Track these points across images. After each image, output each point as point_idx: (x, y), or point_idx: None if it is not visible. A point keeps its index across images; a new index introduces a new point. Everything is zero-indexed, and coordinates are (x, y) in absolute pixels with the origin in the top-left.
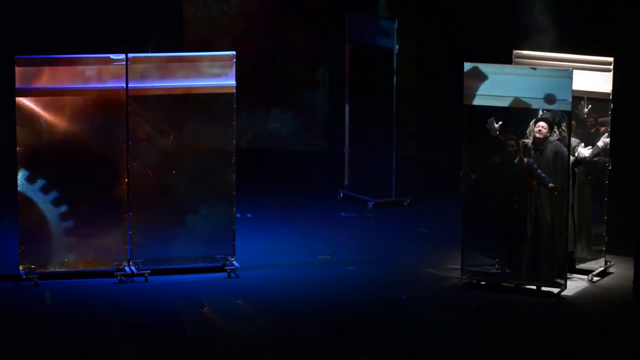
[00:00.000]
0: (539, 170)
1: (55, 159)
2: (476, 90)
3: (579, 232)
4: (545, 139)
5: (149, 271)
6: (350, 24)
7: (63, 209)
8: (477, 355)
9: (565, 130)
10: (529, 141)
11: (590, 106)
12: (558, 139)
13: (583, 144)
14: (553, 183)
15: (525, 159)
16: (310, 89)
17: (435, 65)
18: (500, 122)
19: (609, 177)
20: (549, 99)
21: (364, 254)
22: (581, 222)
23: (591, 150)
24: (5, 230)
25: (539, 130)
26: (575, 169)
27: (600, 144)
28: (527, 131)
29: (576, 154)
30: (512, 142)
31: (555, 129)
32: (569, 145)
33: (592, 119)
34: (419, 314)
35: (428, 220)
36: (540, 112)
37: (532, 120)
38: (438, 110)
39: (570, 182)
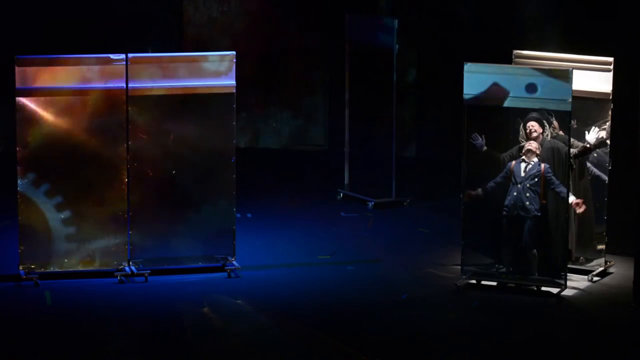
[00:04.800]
0: (554, 178)
1: (55, 159)
2: (476, 90)
3: (579, 231)
4: (540, 137)
5: (149, 271)
6: (350, 24)
7: (63, 208)
8: (478, 355)
9: (556, 127)
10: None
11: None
12: (554, 137)
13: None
14: (575, 197)
15: (543, 165)
16: (310, 89)
17: (435, 65)
18: (483, 135)
19: (609, 177)
20: (531, 88)
21: (364, 254)
22: (582, 222)
23: (597, 132)
24: (5, 230)
25: (530, 131)
26: (573, 160)
27: (603, 133)
28: (520, 137)
29: (585, 144)
30: (535, 146)
31: (546, 126)
32: (568, 144)
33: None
34: (419, 314)
35: (428, 220)
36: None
37: (520, 124)
38: (438, 110)
39: (570, 182)
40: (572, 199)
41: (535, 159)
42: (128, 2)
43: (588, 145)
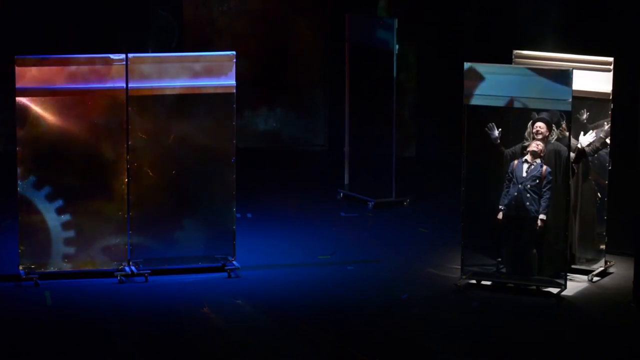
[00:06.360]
0: (548, 187)
1: (55, 159)
2: (476, 90)
3: (579, 231)
4: (545, 139)
5: (149, 271)
6: (350, 24)
7: (63, 209)
8: (477, 355)
9: (564, 130)
10: (531, 145)
11: (588, 113)
12: (557, 139)
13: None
14: (545, 216)
15: (544, 167)
16: (310, 89)
17: (435, 65)
18: (500, 129)
19: (609, 177)
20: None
21: (364, 254)
22: (582, 222)
23: (592, 136)
24: (5, 230)
25: (537, 131)
26: (574, 165)
27: (601, 134)
28: (526, 133)
29: (577, 145)
30: (541, 148)
31: (554, 129)
32: (569, 145)
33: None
34: (419, 314)
35: (428, 220)
36: (536, 113)
37: (529, 122)
38: (438, 110)
39: (571, 182)
40: (542, 216)
41: (538, 160)
42: (128, 2)
43: (580, 147)
